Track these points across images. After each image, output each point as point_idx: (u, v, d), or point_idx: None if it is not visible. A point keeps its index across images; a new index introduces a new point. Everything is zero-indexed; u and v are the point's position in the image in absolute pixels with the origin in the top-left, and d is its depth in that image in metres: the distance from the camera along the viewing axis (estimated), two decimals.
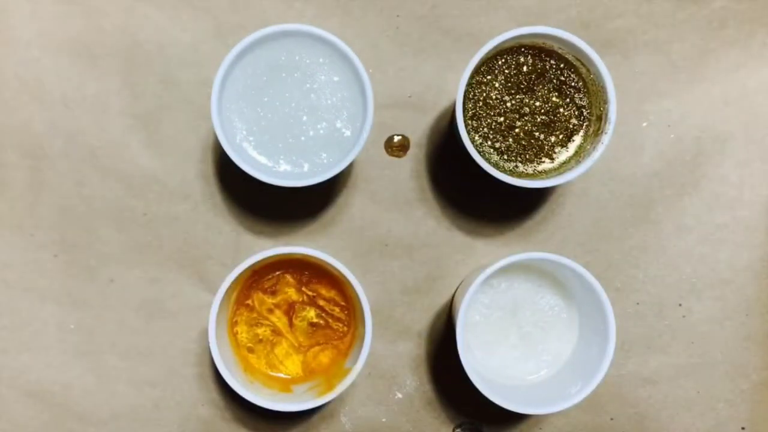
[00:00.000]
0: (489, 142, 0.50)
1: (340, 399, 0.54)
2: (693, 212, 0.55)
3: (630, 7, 0.55)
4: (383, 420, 0.54)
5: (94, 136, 0.54)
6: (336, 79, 0.50)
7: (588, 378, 0.48)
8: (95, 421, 0.54)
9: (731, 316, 0.55)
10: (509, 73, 0.50)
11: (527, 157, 0.51)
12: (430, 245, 0.55)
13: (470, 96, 0.50)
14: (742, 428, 0.55)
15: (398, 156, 0.55)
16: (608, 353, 0.48)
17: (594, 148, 0.49)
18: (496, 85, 0.50)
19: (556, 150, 0.51)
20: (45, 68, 0.54)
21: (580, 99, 0.50)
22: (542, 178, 0.50)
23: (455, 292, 0.54)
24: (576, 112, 0.51)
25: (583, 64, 0.49)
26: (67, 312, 0.54)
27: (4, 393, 0.54)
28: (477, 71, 0.50)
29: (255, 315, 0.51)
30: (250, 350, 0.51)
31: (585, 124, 0.51)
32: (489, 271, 0.48)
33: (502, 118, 0.50)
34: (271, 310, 0.51)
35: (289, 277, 0.51)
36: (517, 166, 0.51)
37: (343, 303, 0.51)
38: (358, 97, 0.49)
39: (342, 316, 0.51)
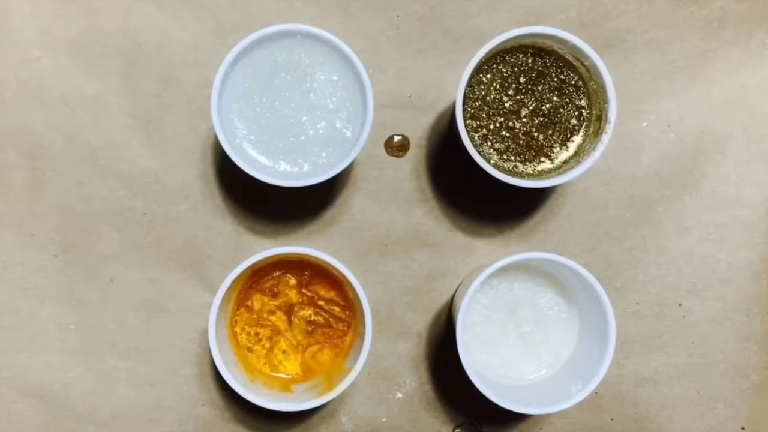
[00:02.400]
0: (489, 142, 0.50)
1: (340, 399, 0.54)
2: (693, 212, 0.55)
3: (630, 7, 0.55)
4: (383, 420, 0.54)
5: (94, 136, 0.54)
6: (335, 78, 0.50)
7: (588, 378, 0.48)
8: (95, 421, 0.54)
9: (731, 316, 0.55)
10: (509, 73, 0.50)
11: (527, 157, 0.51)
12: (430, 245, 0.55)
13: (470, 96, 0.50)
14: (742, 428, 0.55)
15: (398, 156, 0.55)
16: (608, 353, 0.48)
17: (594, 148, 0.49)
18: (496, 85, 0.50)
19: (556, 150, 0.51)
20: (45, 68, 0.54)
21: (580, 99, 0.50)
22: (542, 178, 0.50)
23: (455, 292, 0.54)
24: (576, 112, 0.51)
25: (583, 64, 0.49)
26: (67, 312, 0.54)
27: (4, 393, 0.54)
28: (477, 71, 0.50)
29: (255, 315, 0.51)
30: (250, 350, 0.51)
31: (585, 124, 0.51)
32: (489, 271, 0.48)
33: (501, 118, 0.50)
34: (272, 311, 0.51)
35: (289, 278, 0.51)
36: (516, 166, 0.51)
37: (343, 303, 0.51)
38: (358, 97, 0.50)
39: (342, 315, 0.51)
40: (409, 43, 0.55)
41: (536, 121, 0.50)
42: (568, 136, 0.51)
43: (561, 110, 0.50)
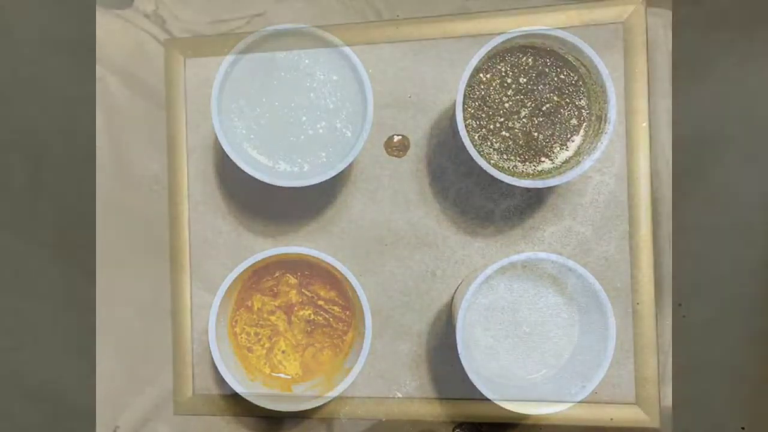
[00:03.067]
0: (489, 142, 0.50)
1: (340, 399, 0.54)
2: (693, 212, 0.55)
3: (629, 7, 0.55)
4: (383, 420, 0.54)
5: (94, 136, 0.55)
6: (335, 78, 0.50)
7: (588, 378, 0.48)
8: (95, 421, 0.54)
9: (731, 316, 0.55)
10: (509, 73, 0.50)
11: (527, 156, 0.51)
12: (430, 245, 0.55)
13: (470, 96, 0.50)
14: (742, 428, 0.55)
15: (398, 156, 0.55)
16: (608, 353, 0.48)
17: (594, 148, 0.49)
18: (496, 85, 0.50)
19: (556, 150, 0.51)
20: (45, 68, 0.54)
21: (580, 99, 0.50)
22: (542, 178, 0.50)
23: (455, 292, 0.54)
24: (576, 112, 0.51)
25: (583, 64, 0.49)
26: (67, 312, 0.54)
27: (4, 393, 0.54)
28: (477, 71, 0.50)
29: (255, 315, 0.51)
30: (250, 350, 0.51)
31: (585, 124, 0.51)
32: (489, 271, 0.48)
33: (501, 118, 0.50)
34: (272, 311, 0.51)
35: (289, 278, 0.51)
36: (516, 166, 0.51)
37: (343, 303, 0.51)
38: (358, 97, 0.50)
39: (342, 315, 0.51)
40: (409, 43, 0.55)
41: (536, 121, 0.50)
42: (568, 136, 0.51)
43: (561, 110, 0.50)
